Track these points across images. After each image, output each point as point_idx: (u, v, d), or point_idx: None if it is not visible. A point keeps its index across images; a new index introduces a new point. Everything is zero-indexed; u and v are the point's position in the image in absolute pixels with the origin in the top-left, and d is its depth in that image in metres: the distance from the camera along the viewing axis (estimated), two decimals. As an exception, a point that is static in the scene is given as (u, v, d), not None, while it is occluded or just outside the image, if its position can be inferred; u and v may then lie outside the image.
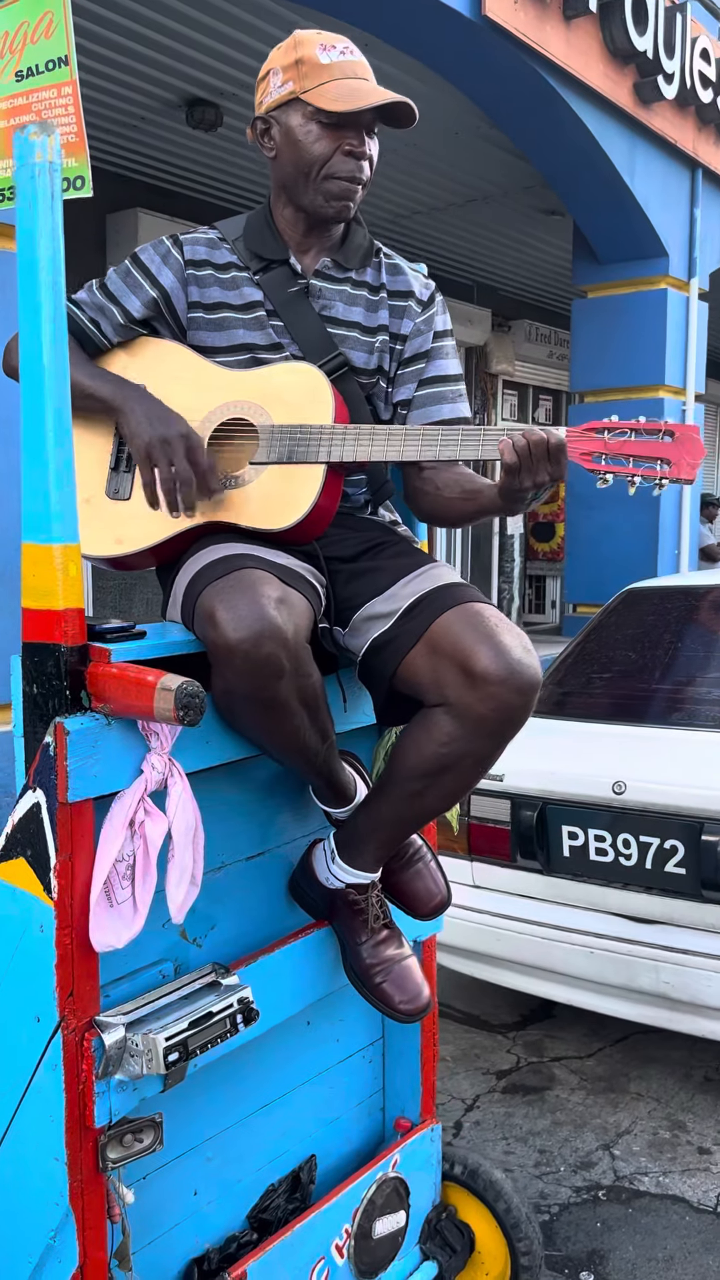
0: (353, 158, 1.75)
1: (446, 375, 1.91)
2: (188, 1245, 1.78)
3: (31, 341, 1.41)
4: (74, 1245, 1.49)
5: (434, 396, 1.89)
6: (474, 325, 10.28)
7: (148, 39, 5.29)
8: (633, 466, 1.61)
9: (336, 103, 1.71)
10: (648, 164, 6.55)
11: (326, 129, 1.73)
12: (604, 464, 1.62)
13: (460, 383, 1.92)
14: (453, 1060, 3.31)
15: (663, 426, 1.61)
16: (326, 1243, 1.90)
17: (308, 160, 1.75)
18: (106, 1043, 1.44)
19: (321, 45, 1.74)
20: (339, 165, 1.75)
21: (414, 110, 1.75)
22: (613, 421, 1.62)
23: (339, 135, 1.74)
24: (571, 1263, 2.41)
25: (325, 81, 1.72)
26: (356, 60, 1.76)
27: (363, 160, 1.76)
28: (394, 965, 1.78)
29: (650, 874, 2.84)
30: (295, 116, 1.75)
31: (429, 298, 1.91)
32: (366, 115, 1.75)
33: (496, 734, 1.61)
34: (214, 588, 1.53)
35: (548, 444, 1.60)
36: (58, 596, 1.42)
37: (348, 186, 1.76)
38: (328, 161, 1.74)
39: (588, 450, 1.63)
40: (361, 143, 1.75)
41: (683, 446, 1.60)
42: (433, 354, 1.90)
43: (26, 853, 1.45)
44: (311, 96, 1.72)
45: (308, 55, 1.73)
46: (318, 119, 1.73)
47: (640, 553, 6.88)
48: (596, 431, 1.63)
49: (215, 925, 1.76)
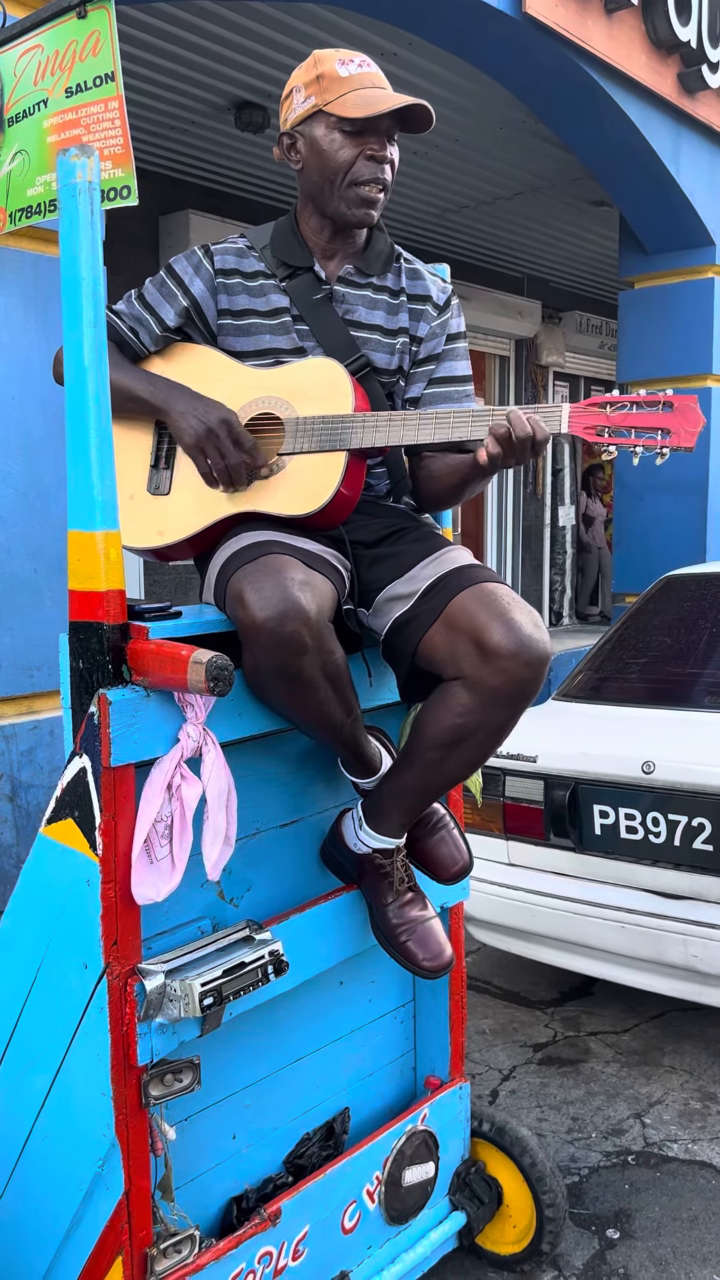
0: (375, 161, 1.87)
1: (455, 376, 2.03)
2: (227, 1185, 1.92)
3: (74, 347, 1.55)
4: (120, 1174, 1.63)
5: (441, 395, 2.01)
6: (524, 318, 10.30)
7: (196, 45, 5.43)
8: (634, 437, 1.71)
9: (357, 109, 1.83)
10: (693, 153, 6.55)
11: (349, 136, 1.85)
12: (607, 436, 1.72)
13: (468, 384, 2.04)
14: (491, 1033, 3.41)
15: (662, 398, 1.70)
16: (358, 1187, 2.02)
17: (333, 168, 1.87)
18: (148, 988, 1.58)
19: (340, 60, 1.86)
20: (362, 169, 1.87)
21: (431, 113, 1.86)
22: (614, 395, 1.72)
23: (361, 141, 1.85)
24: (599, 1220, 2.51)
25: (345, 92, 1.84)
26: (373, 72, 1.88)
27: (384, 164, 1.88)
28: (418, 925, 1.89)
29: (678, 851, 2.92)
30: (319, 128, 1.87)
31: (445, 302, 2.03)
32: (385, 120, 1.86)
33: (509, 705, 1.72)
34: (243, 571, 1.65)
35: (533, 439, 1.72)
36: (100, 579, 1.56)
37: (370, 192, 1.88)
38: (351, 167, 1.86)
39: (591, 424, 1.73)
40: (383, 147, 1.87)
41: (682, 416, 1.69)
42: (444, 356, 2.02)
43: (74, 813, 1.59)
44: (333, 107, 1.84)
45: (328, 70, 1.85)
46: (340, 128, 1.85)
47: (689, 543, 6.89)
48: (599, 406, 1.72)
49: (251, 887, 1.89)
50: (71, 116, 2.87)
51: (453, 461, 1.94)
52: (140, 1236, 1.66)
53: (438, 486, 1.98)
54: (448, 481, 1.96)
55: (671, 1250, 2.40)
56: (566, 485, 11.36)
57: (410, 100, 1.84)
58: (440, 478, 1.97)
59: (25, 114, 2.95)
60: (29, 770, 3.35)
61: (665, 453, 1.72)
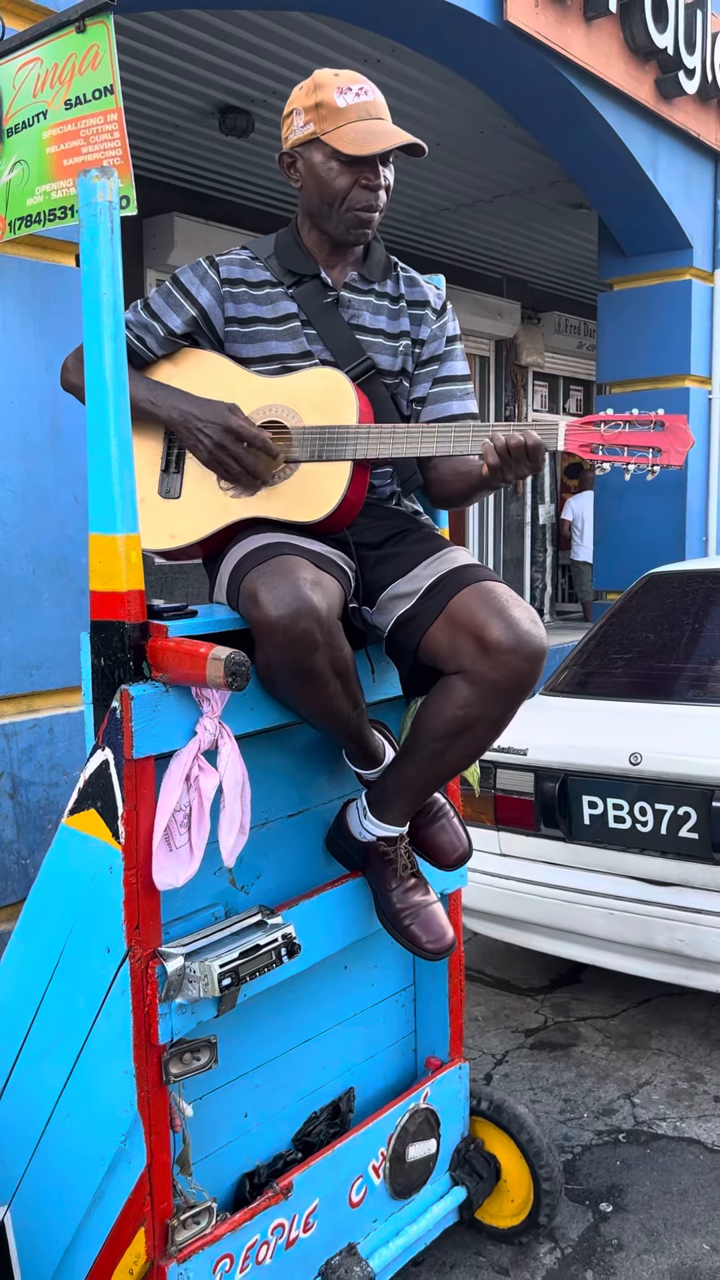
0: (369, 190, 1.95)
1: (456, 375, 2.12)
2: (239, 1161, 2.00)
3: (95, 359, 1.62)
4: (142, 1149, 1.71)
5: (445, 394, 2.10)
6: (504, 318, 10.41)
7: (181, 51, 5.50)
8: (627, 455, 1.80)
9: (352, 146, 1.90)
10: (670, 158, 6.67)
11: (345, 166, 1.93)
12: (601, 454, 1.81)
13: (467, 382, 2.14)
14: (483, 1020, 3.51)
15: (653, 418, 1.79)
16: (364, 1163, 2.10)
17: (329, 194, 1.95)
18: (168, 970, 1.66)
19: (339, 89, 1.93)
20: (357, 197, 1.95)
21: (424, 147, 1.94)
22: (608, 415, 1.81)
23: (357, 171, 1.94)
24: (592, 1195, 2.60)
25: (342, 125, 1.91)
26: (370, 100, 1.95)
27: (378, 190, 1.97)
28: (421, 910, 1.98)
29: (665, 839, 3.02)
30: (317, 154, 1.95)
31: (441, 307, 2.14)
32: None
33: (507, 697, 1.81)
34: (256, 572, 1.73)
35: (525, 447, 1.80)
36: (121, 580, 1.64)
37: (365, 215, 1.97)
38: (348, 195, 1.95)
39: (586, 442, 1.82)
40: (377, 175, 1.95)
41: (672, 435, 1.78)
42: (444, 357, 2.12)
43: (96, 804, 1.67)
44: (331, 139, 1.91)
45: (326, 99, 1.92)
46: (337, 158, 1.93)
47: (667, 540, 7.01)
48: (594, 424, 1.81)
49: (260, 875, 1.97)
50: (71, 128, 2.96)
51: (461, 469, 2.04)
52: (161, 1208, 1.73)
53: (447, 490, 2.08)
54: (456, 487, 2.05)
55: (663, 1222, 2.50)
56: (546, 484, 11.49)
57: (404, 139, 1.92)
58: (449, 483, 2.06)
59: (25, 125, 3.03)
60: (29, 768, 3.41)
61: (655, 470, 1.81)
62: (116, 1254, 1.76)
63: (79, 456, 3.44)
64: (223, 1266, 1.81)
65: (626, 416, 1.79)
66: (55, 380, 3.36)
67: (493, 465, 1.83)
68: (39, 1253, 1.87)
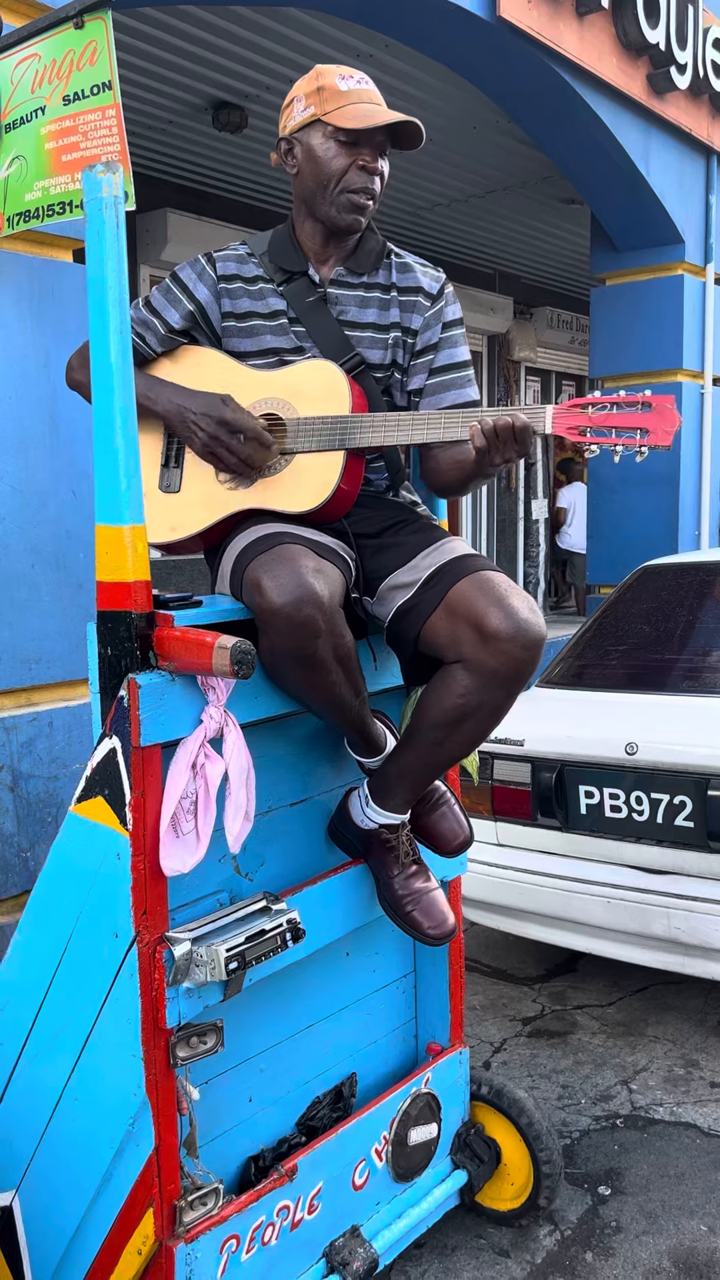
0: (366, 172, 1.98)
1: (455, 363, 2.12)
2: (244, 1145, 2.02)
3: (101, 353, 1.64)
4: (150, 1131, 1.73)
5: (444, 384, 2.11)
6: (496, 313, 10.43)
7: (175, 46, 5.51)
8: (615, 436, 1.82)
9: (353, 121, 1.94)
10: (663, 153, 6.69)
11: (343, 146, 1.96)
12: (589, 436, 1.83)
13: (468, 369, 2.13)
14: (481, 1009, 3.54)
15: (640, 399, 1.81)
16: (367, 1146, 2.13)
17: (326, 174, 1.98)
18: (176, 954, 1.68)
19: (341, 76, 1.98)
20: (354, 178, 1.97)
21: (422, 131, 1.97)
22: (595, 397, 1.83)
23: (354, 152, 1.96)
24: (590, 1178, 2.63)
25: (343, 105, 1.95)
26: (371, 89, 2.00)
27: (375, 175, 1.99)
28: (423, 896, 2.01)
29: (661, 828, 3.05)
30: (316, 136, 1.98)
31: (438, 291, 2.12)
32: (379, 134, 1.97)
33: (507, 685, 1.83)
34: (259, 561, 1.76)
35: (512, 428, 1.81)
36: (128, 571, 1.66)
37: (360, 200, 1.99)
38: (344, 175, 1.97)
39: (574, 425, 1.83)
40: (374, 159, 1.98)
41: (660, 416, 1.80)
42: (441, 344, 2.11)
43: (104, 791, 1.69)
44: (331, 117, 1.95)
45: (328, 84, 1.96)
46: (336, 137, 1.96)
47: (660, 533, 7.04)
48: (581, 407, 1.83)
49: (264, 862, 1.99)
50: (69, 124, 2.97)
51: (457, 456, 2.05)
52: (169, 1190, 1.76)
53: (444, 479, 2.09)
54: (452, 476, 2.06)
55: (661, 1204, 2.53)
56: (540, 479, 11.52)
57: (404, 117, 1.95)
58: (445, 471, 2.07)
59: (23, 120, 3.04)
60: (29, 761, 3.43)
61: (644, 451, 1.83)
62: (125, 1235, 1.78)
63: (77, 451, 3.45)
64: (229, 1247, 1.84)
65: (613, 398, 1.81)
66: (53, 375, 3.38)
67: (480, 448, 1.84)
68: (47, 1236, 1.90)
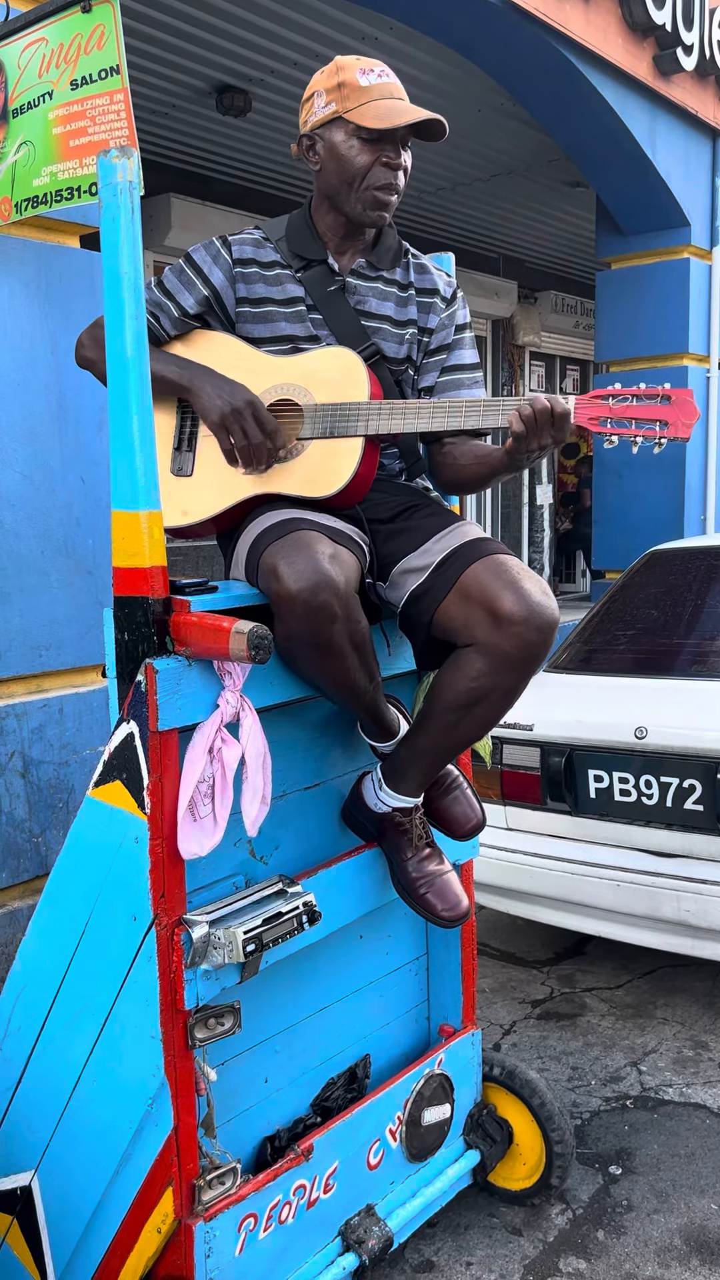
0: (389, 169, 1.97)
1: (464, 364, 2.14)
2: (261, 1125, 2.04)
3: (116, 338, 1.65)
4: (168, 1111, 1.75)
5: (454, 383, 2.13)
6: (500, 298, 10.39)
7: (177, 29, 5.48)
8: (635, 428, 1.83)
9: (376, 120, 1.93)
10: (669, 135, 6.66)
11: (366, 144, 1.95)
12: (610, 427, 1.84)
13: (477, 370, 2.17)
14: (490, 991, 3.56)
15: (660, 391, 1.82)
16: (381, 1126, 2.15)
17: (350, 172, 1.97)
18: (194, 936, 1.70)
19: (361, 70, 1.96)
20: (378, 175, 1.97)
21: (445, 126, 1.96)
22: (617, 389, 1.84)
23: (377, 149, 1.96)
24: (601, 1158, 2.66)
25: (365, 102, 1.94)
26: (392, 82, 1.99)
27: (398, 170, 1.99)
28: (436, 878, 2.02)
29: (670, 811, 3.06)
30: (338, 134, 1.97)
31: (452, 295, 2.15)
32: (402, 130, 1.96)
33: (520, 668, 1.84)
34: (275, 546, 1.76)
35: (552, 412, 1.82)
36: (145, 556, 1.67)
37: (384, 196, 1.98)
38: (368, 172, 1.97)
39: (595, 415, 1.84)
40: (398, 155, 1.97)
41: (679, 409, 1.81)
42: (453, 346, 2.14)
43: (122, 776, 1.70)
44: (353, 115, 1.94)
45: (349, 79, 1.95)
46: (359, 135, 1.95)
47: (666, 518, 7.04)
48: (602, 399, 1.84)
49: (279, 846, 2.01)
50: (77, 109, 2.97)
51: (480, 451, 2.05)
52: (188, 1169, 1.78)
53: (463, 473, 2.08)
54: (474, 471, 2.06)
55: (671, 1183, 2.55)
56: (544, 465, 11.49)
57: (427, 115, 1.94)
58: (465, 465, 2.07)
59: (30, 105, 3.04)
60: (39, 747, 3.45)
61: (663, 443, 1.84)
62: (144, 1214, 1.80)
63: (85, 438, 3.46)
64: (247, 1225, 1.86)
65: (634, 390, 1.82)
66: (61, 362, 3.38)
67: (518, 433, 1.84)
68: (66, 1216, 1.92)
